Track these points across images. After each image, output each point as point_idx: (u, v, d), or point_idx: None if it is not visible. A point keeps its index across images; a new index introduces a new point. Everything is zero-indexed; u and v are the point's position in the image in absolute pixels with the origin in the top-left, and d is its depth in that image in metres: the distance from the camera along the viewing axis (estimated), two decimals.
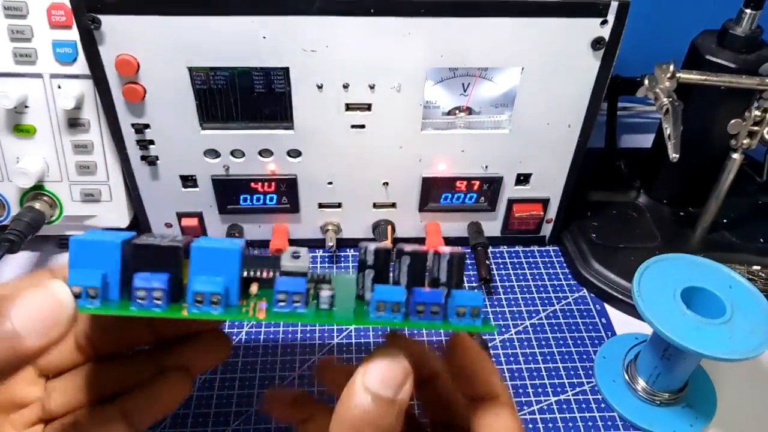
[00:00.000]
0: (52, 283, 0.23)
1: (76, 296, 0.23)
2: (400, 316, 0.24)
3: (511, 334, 0.52)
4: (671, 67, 0.49)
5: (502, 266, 0.58)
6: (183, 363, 0.32)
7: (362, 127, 0.50)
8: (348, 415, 0.24)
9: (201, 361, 0.32)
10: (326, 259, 0.58)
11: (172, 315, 0.24)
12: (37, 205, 0.52)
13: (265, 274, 0.26)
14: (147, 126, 0.49)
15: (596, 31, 0.46)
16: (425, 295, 0.24)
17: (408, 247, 0.25)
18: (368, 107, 0.49)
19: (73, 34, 0.47)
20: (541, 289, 0.56)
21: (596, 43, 0.46)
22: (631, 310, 0.52)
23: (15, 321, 0.22)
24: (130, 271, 0.24)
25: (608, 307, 0.54)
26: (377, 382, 0.24)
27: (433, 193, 0.55)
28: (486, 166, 0.53)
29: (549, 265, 0.58)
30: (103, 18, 0.43)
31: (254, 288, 0.26)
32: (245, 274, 0.25)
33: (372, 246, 0.25)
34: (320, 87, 0.47)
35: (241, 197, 0.54)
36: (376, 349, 0.25)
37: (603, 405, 0.47)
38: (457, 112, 0.51)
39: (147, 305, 0.24)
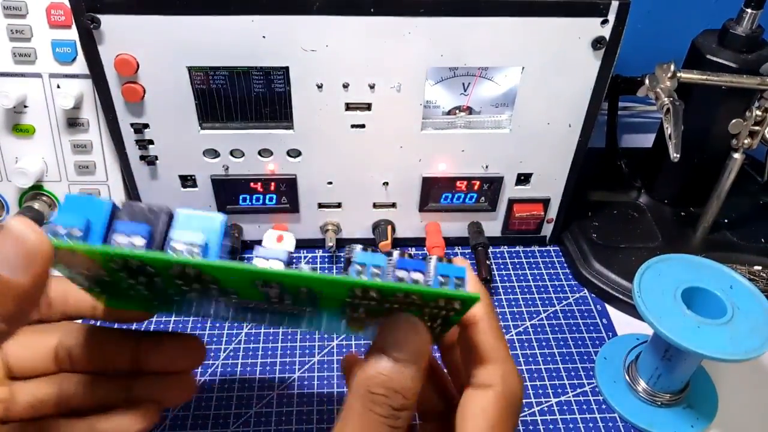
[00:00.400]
0: (9, 220, 0.23)
1: (55, 234, 0.23)
2: (383, 277, 0.24)
3: (512, 335, 0.51)
4: (672, 67, 0.49)
5: (502, 266, 0.58)
6: (153, 396, 0.32)
7: (362, 126, 0.50)
8: (366, 377, 0.24)
9: (170, 398, 0.33)
10: (326, 259, 0.58)
11: (151, 257, 0.23)
12: (36, 205, 0.52)
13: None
14: (146, 126, 0.49)
15: (597, 30, 0.46)
16: (406, 262, 0.24)
17: (395, 251, 0.25)
18: (368, 107, 0.49)
19: (73, 34, 0.46)
20: (542, 289, 0.56)
21: (597, 43, 0.46)
22: (633, 310, 0.52)
23: None
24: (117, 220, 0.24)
25: (609, 308, 0.54)
26: (395, 346, 0.25)
27: (434, 193, 0.55)
28: (486, 166, 0.53)
29: (550, 265, 0.58)
30: (102, 18, 0.43)
31: None
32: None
33: (359, 245, 0.25)
34: (320, 87, 0.47)
35: (241, 197, 0.54)
36: (395, 315, 0.25)
37: (604, 406, 0.46)
38: (457, 111, 0.51)
39: (126, 249, 0.24)
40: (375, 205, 0.56)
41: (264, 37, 0.44)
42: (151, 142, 0.50)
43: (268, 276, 0.24)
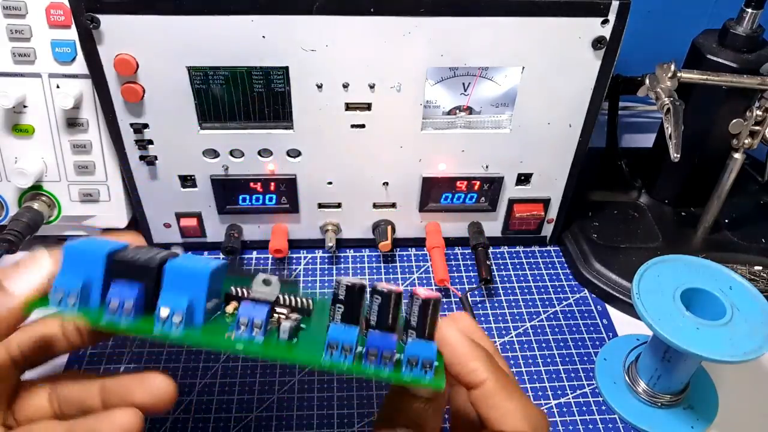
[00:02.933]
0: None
1: (58, 301, 0.26)
2: (351, 358, 0.25)
3: (512, 337, 0.51)
4: (672, 67, 0.49)
5: (502, 267, 0.58)
6: (132, 402, 0.28)
7: (362, 126, 0.50)
8: (390, 409, 0.28)
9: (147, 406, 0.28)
10: (326, 260, 0.58)
11: (138, 332, 0.25)
12: (36, 206, 0.52)
13: (241, 293, 0.27)
14: (146, 126, 0.49)
15: (597, 30, 0.45)
16: (378, 339, 0.25)
17: (384, 287, 0.25)
18: (368, 107, 0.49)
19: (72, 34, 0.46)
20: (542, 290, 0.56)
21: (597, 43, 0.46)
22: (633, 310, 0.51)
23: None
24: (113, 278, 0.26)
25: (609, 308, 0.54)
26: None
27: (434, 193, 0.55)
28: (486, 166, 0.53)
29: (550, 265, 0.58)
30: (101, 17, 0.43)
31: (230, 308, 0.27)
32: (230, 290, 0.27)
33: (345, 281, 0.25)
34: (320, 87, 0.47)
35: (240, 197, 0.54)
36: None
37: (604, 407, 0.46)
38: (457, 111, 0.51)
39: (117, 318, 0.25)
40: (375, 206, 0.56)
41: (264, 37, 0.44)
42: (150, 142, 0.50)
43: (236, 352, 0.25)
